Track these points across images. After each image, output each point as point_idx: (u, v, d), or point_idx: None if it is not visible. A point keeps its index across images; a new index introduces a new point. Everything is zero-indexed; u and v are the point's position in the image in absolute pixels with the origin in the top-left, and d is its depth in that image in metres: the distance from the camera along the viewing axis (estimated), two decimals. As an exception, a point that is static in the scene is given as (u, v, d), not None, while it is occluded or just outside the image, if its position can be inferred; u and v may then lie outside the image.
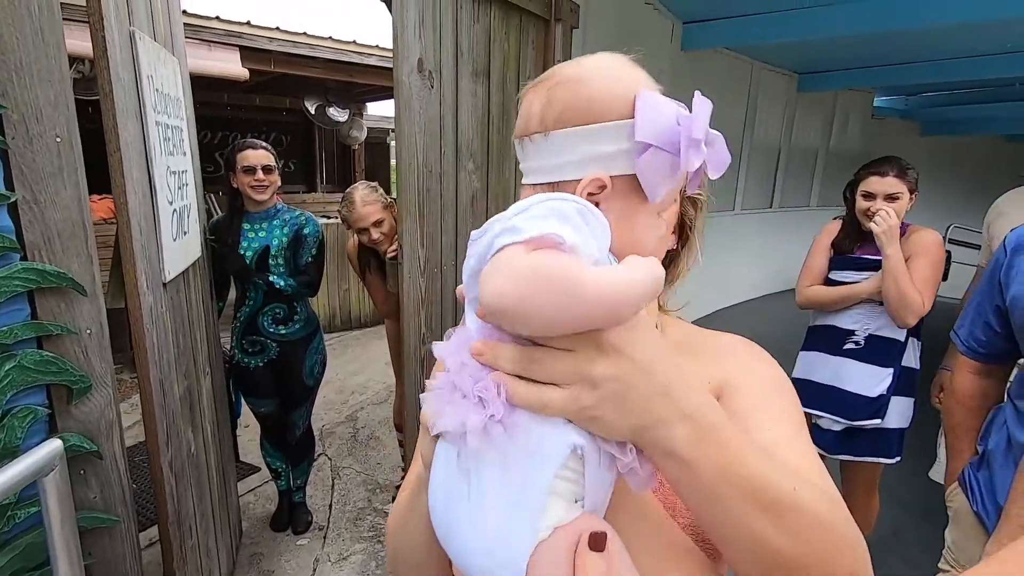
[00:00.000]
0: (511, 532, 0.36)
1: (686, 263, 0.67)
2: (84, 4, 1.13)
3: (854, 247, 2.00)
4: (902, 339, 1.92)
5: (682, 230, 0.65)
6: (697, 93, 0.44)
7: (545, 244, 0.35)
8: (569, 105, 0.43)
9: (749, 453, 0.39)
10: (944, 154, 8.74)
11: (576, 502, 0.38)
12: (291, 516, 2.52)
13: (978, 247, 8.74)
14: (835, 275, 2.01)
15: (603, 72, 0.45)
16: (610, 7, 3.39)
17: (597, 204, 0.42)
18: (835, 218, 2.14)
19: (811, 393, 2.00)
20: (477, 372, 0.38)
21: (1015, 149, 9.37)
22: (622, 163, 0.42)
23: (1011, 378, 1.26)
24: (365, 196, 2.27)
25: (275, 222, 2.22)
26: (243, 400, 2.43)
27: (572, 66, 0.46)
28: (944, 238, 7.14)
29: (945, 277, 6.67)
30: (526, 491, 0.36)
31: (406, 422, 2.22)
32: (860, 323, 1.95)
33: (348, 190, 2.33)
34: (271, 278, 2.15)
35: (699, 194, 0.65)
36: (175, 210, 1.53)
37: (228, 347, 2.32)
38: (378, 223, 2.27)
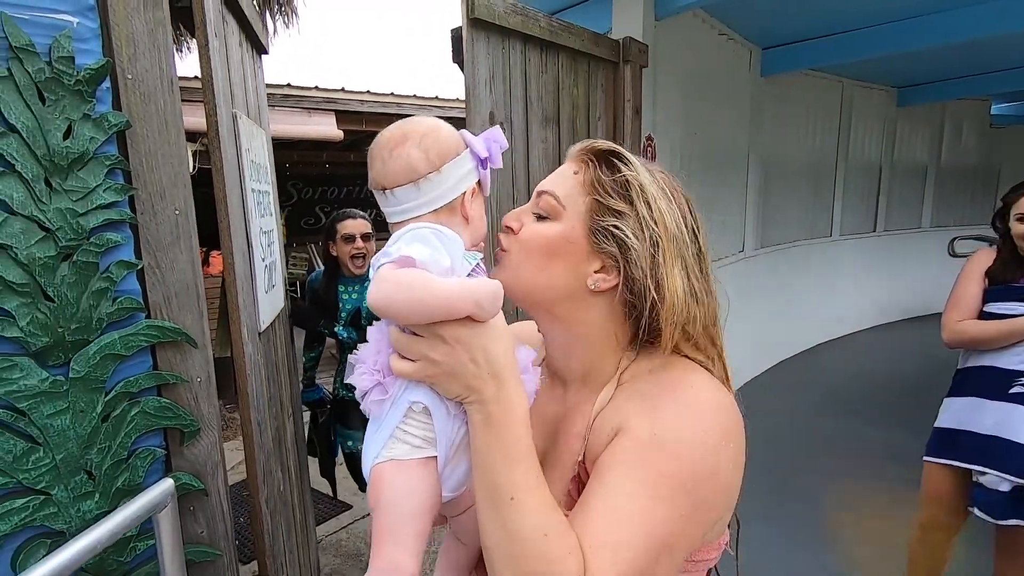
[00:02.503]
0: (369, 451, 0.59)
1: (653, 291, 0.66)
2: (195, 87, 1.31)
3: (1017, 275, 1.75)
4: None
5: (625, 261, 0.67)
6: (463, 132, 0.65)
7: (405, 263, 0.54)
8: (442, 147, 0.61)
9: (505, 454, 0.54)
10: (1085, 161, 7.70)
11: (428, 444, 0.58)
12: None
13: None
14: (993, 307, 1.77)
15: (435, 122, 0.65)
16: (682, 42, 3.38)
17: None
18: (989, 244, 1.91)
19: (970, 446, 1.74)
20: (383, 352, 0.59)
21: None
22: (475, 173, 0.63)
23: None
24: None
25: (366, 284, 2.37)
26: (339, 439, 2.57)
27: (410, 124, 0.64)
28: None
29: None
30: (382, 430, 0.58)
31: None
32: None
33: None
34: (336, 329, 2.28)
35: (619, 211, 0.68)
36: (266, 266, 1.69)
37: (330, 389, 2.50)
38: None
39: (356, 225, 2.31)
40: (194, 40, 1.31)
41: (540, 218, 0.66)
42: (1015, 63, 5.20)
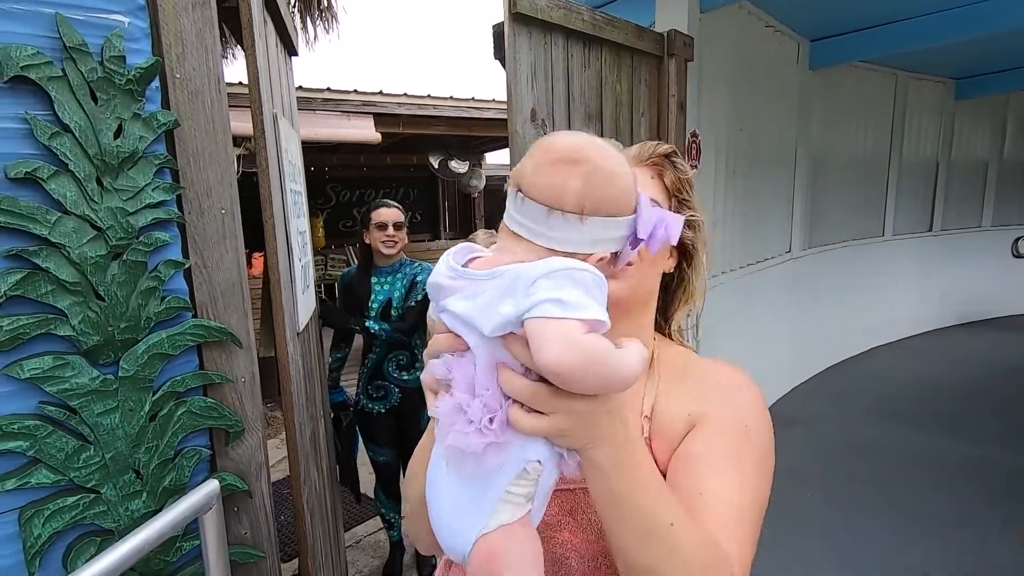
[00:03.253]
0: (465, 520, 0.50)
1: (693, 281, 0.75)
2: (237, 91, 1.31)
3: None
4: None
5: (684, 251, 0.73)
6: (643, 196, 0.53)
7: (595, 328, 0.45)
8: (603, 197, 0.50)
9: (647, 489, 0.52)
10: None
11: (528, 500, 0.50)
12: (418, 566, 2.57)
13: None
14: None
15: (623, 169, 0.52)
16: (727, 35, 3.27)
17: None
18: None
19: None
20: (491, 401, 0.47)
21: None
22: (619, 244, 0.52)
23: None
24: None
25: (398, 275, 2.36)
26: (361, 446, 2.52)
27: (598, 152, 0.51)
28: None
29: None
30: (488, 494, 0.49)
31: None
32: None
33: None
34: (367, 323, 2.25)
35: (693, 215, 0.72)
36: (302, 266, 1.69)
37: (354, 393, 2.47)
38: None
39: (390, 214, 2.30)
40: (235, 46, 1.31)
41: None
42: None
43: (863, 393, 4.35)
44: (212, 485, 1.09)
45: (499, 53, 1.99)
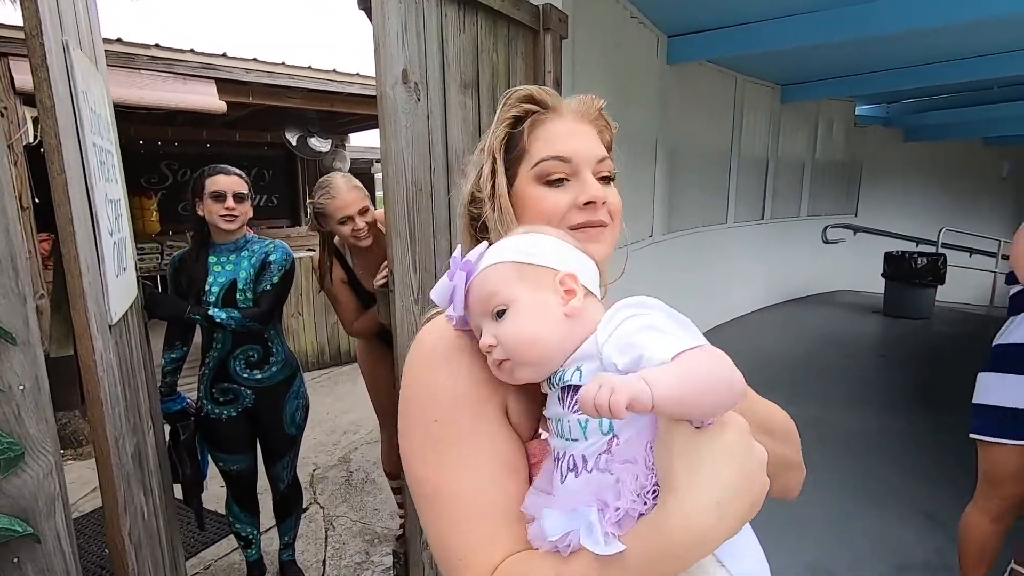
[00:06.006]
0: None
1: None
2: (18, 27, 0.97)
3: None
4: None
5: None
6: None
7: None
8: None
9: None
10: (926, 159, 8.81)
11: None
12: None
13: (973, 251, 8.68)
14: None
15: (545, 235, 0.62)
16: (598, 20, 3.31)
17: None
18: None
19: None
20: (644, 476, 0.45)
21: (993, 152, 9.48)
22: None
23: None
24: (347, 182, 2.10)
25: (243, 254, 2.02)
26: (210, 459, 2.14)
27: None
28: (937, 242, 7.08)
29: (942, 281, 6.58)
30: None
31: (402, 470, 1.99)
32: None
33: (323, 179, 2.13)
34: (210, 310, 1.90)
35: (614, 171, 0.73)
36: (115, 243, 1.36)
37: (195, 398, 2.09)
38: (363, 211, 2.09)
39: (229, 182, 1.94)
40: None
41: (605, 180, 0.70)
42: (874, 67, 5.75)
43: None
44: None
45: (364, 2, 1.77)
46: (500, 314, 0.53)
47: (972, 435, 1.81)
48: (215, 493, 2.63)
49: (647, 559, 0.42)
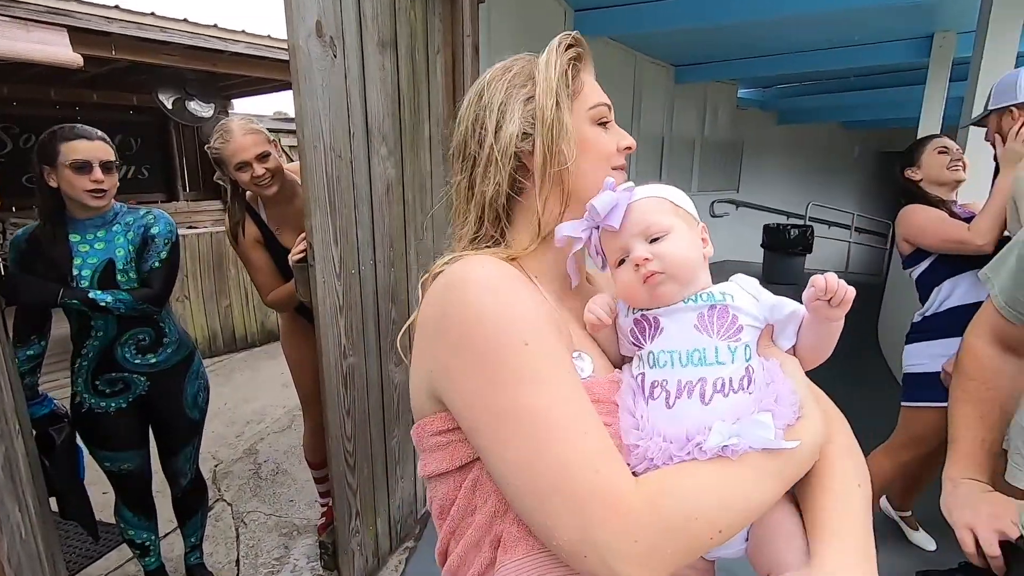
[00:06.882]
0: None
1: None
2: None
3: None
4: None
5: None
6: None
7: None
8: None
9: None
10: (796, 141, 9.76)
11: None
12: None
13: (832, 223, 9.72)
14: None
15: None
16: (507, -13, 3.24)
17: None
18: (905, 204, 2.00)
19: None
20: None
21: (849, 135, 10.70)
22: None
23: None
24: (244, 125, 1.88)
25: (115, 228, 1.73)
26: (84, 458, 1.84)
27: None
28: (805, 215, 7.87)
29: (810, 250, 7.36)
30: None
31: (330, 456, 1.86)
32: None
33: (220, 123, 1.92)
34: (93, 294, 1.63)
35: None
36: None
37: (69, 397, 1.79)
38: (263, 157, 1.87)
39: (93, 148, 1.63)
40: None
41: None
42: (755, 52, 6.22)
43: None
44: None
45: (268, -57, 1.58)
46: (654, 240, 0.60)
47: (904, 403, 2.01)
48: (96, 501, 2.33)
49: (794, 461, 0.54)
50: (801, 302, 0.60)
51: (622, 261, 0.62)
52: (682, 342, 0.58)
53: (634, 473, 0.53)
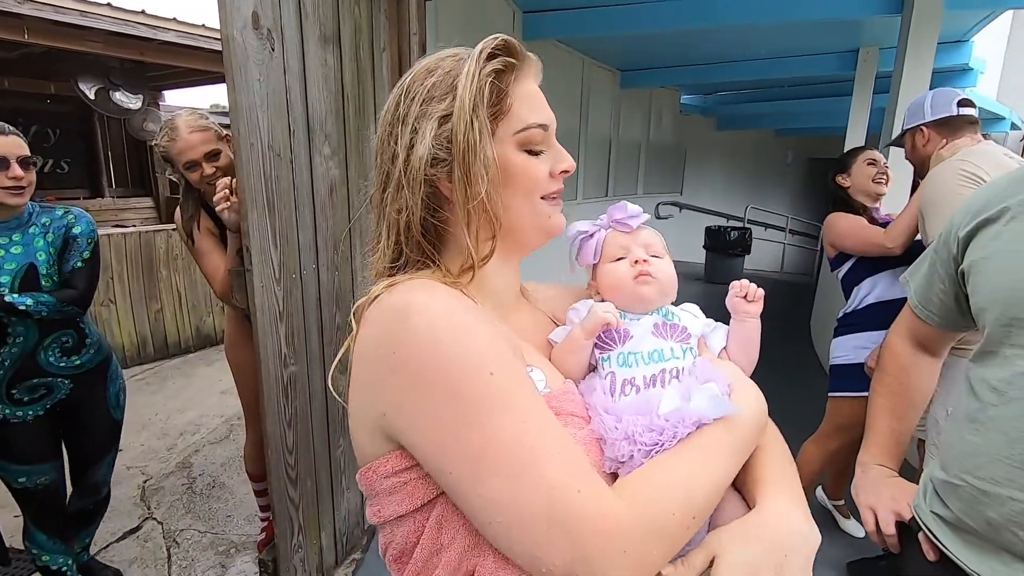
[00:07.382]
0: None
1: None
2: None
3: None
4: None
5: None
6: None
7: None
8: None
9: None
10: (734, 146, 10.17)
11: None
12: None
13: (768, 225, 10.19)
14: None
15: None
16: (456, -13, 3.20)
17: None
18: (832, 211, 2.14)
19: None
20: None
21: (783, 142, 11.25)
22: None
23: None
24: (192, 121, 1.80)
25: (32, 230, 1.64)
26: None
27: None
28: (744, 218, 8.23)
29: (749, 251, 7.69)
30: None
31: (270, 470, 1.76)
32: None
33: (168, 119, 1.84)
34: (9, 298, 1.52)
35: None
36: None
37: None
38: (212, 155, 1.81)
39: (8, 144, 1.55)
40: None
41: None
42: (697, 60, 6.43)
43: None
44: None
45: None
46: (653, 256, 0.72)
47: (831, 394, 2.13)
48: (7, 526, 2.14)
49: (747, 434, 0.58)
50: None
51: (620, 259, 0.71)
52: (645, 345, 0.66)
53: (615, 473, 0.56)
